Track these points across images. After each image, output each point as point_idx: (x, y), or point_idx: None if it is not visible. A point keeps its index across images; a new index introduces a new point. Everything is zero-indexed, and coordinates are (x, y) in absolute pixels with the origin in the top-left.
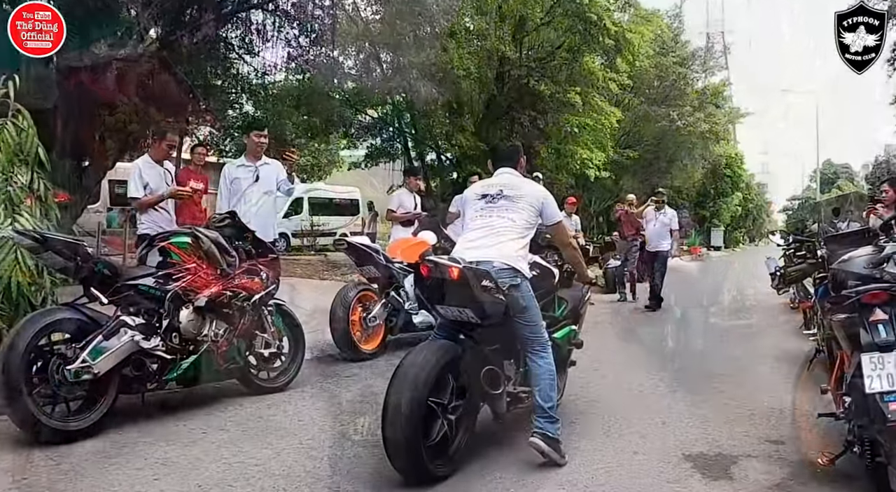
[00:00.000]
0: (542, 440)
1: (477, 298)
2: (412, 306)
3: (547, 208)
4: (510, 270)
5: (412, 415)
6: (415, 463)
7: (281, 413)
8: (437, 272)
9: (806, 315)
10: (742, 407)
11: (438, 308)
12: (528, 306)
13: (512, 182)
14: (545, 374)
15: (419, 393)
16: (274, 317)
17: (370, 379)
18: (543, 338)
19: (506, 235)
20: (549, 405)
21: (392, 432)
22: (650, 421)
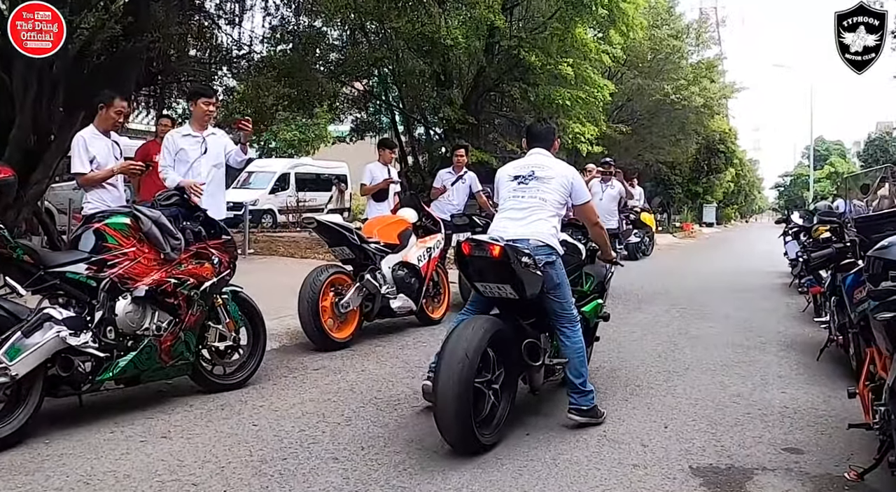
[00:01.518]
0: (577, 414)
1: (516, 274)
2: (389, 290)
3: (576, 189)
4: (545, 248)
5: (463, 389)
6: (465, 434)
7: (234, 416)
8: (479, 251)
9: (816, 301)
10: (751, 406)
11: (478, 285)
12: (561, 283)
13: (543, 163)
14: (575, 351)
15: (469, 368)
16: (229, 306)
17: (341, 372)
18: (573, 314)
19: (539, 215)
20: (580, 380)
21: (444, 406)
22: (651, 424)
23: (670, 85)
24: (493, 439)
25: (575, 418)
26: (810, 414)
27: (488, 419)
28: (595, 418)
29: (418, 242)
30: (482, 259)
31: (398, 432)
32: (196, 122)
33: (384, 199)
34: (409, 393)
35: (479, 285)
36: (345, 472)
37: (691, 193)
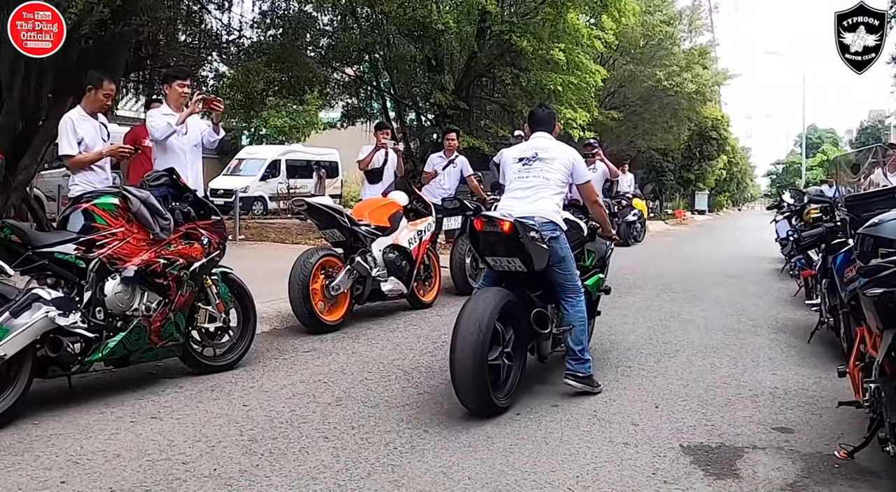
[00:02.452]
0: (574, 380)
1: (525, 248)
2: (380, 273)
3: (577, 169)
4: (550, 224)
5: (479, 356)
6: (482, 399)
7: (224, 397)
8: (490, 226)
9: (807, 284)
10: (742, 387)
11: (489, 259)
12: (566, 257)
13: (546, 145)
14: (577, 319)
15: (483, 335)
16: (219, 287)
17: (331, 354)
18: (577, 286)
19: (543, 193)
20: (580, 348)
21: (461, 372)
22: (641, 404)
23: (662, 71)
24: (507, 402)
25: (572, 384)
26: (801, 395)
27: (502, 384)
28: (591, 387)
29: (409, 225)
30: (493, 234)
31: (388, 412)
32: (173, 103)
33: (378, 180)
34: (400, 374)
35: (490, 259)
36: (335, 451)
37: (683, 180)
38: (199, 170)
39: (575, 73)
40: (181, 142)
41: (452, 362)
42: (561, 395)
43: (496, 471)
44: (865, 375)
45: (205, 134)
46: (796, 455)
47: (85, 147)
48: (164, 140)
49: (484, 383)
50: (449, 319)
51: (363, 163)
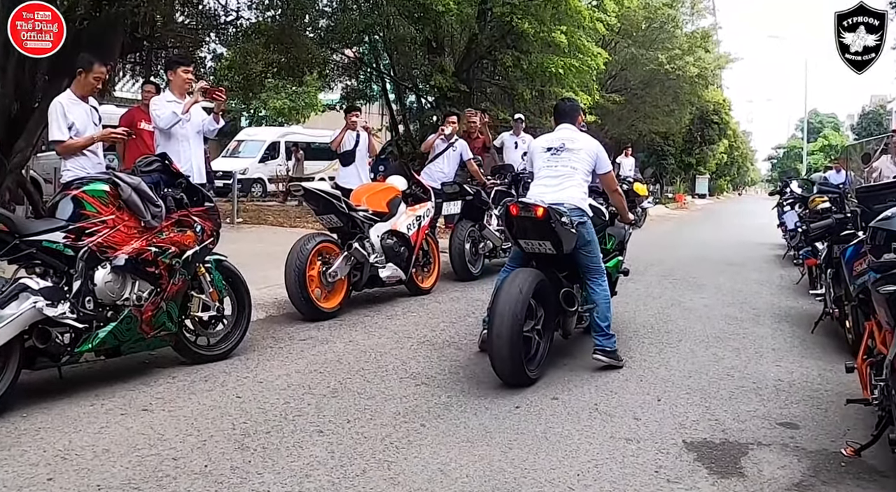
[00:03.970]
0: (602, 354)
1: (556, 232)
2: (378, 259)
3: (600, 160)
4: (578, 210)
5: (514, 331)
6: (516, 370)
7: (218, 388)
8: (525, 211)
9: (811, 273)
10: (745, 379)
11: (521, 242)
12: (592, 241)
13: (572, 136)
14: (602, 298)
15: (519, 312)
16: (213, 275)
17: (328, 342)
18: (601, 267)
19: (570, 182)
20: (606, 324)
21: (498, 346)
22: (644, 397)
23: (664, 54)
24: (537, 373)
25: (601, 358)
26: (805, 388)
27: (532, 357)
28: (617, 361)
29: (408, 211)
30: (527, 219)
31: (385, 404)
32: (176, 90)
33: (351, 162)
34: (398, 364)
35: (523, 242)
36: (330, 446)
37: (684, 164)
38: (202, 157)
39: (576, 56)
40: (185, 129)
41: (490, 338)
42: (562, 387)
43: (495, 468)
44: (875, 371)
45: (206, 122)
46: (802, 453)
47: (76, 132)
48: (169, 128)
49: (519, 357)
50: (448, 307)
51: (334, 143)
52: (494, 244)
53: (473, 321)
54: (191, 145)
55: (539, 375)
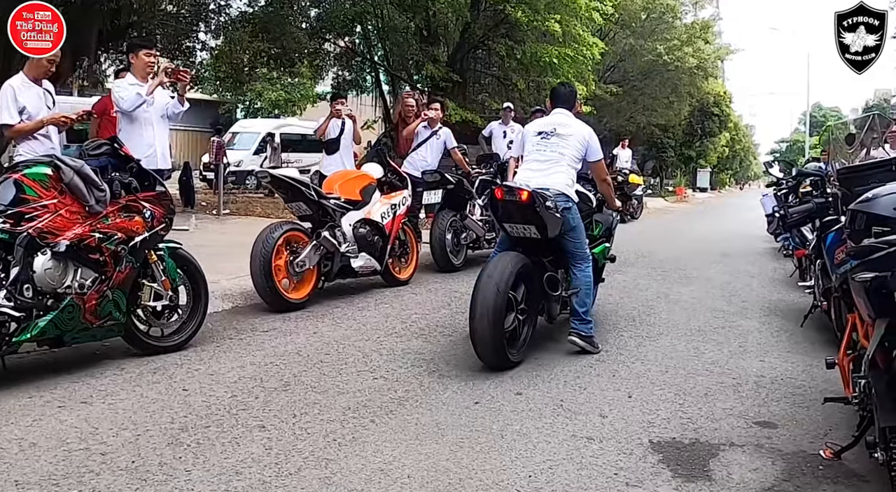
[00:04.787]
0: (578, 338)
1: (540, 217)
2: (350, 249)
3: (591, 147)
4: (563, 196)
5: (496, 315)
6: (497, 354)
7: (165, 381)
8: (510, 195)
9: (801, 264)
10: (725, 375)
11: (506, 226)
12: (577, 226)
13: (565, 121)
14: (584, 283)
15: (501, 297)
16: (166, 263)
17: (291, 333)
18: (586, 253)
19: (558, 167)
20: (584, 310)
21: (480, 329)
22: (614, 393)
23: (663, 45)
24: (520, 357)
25: (576, 341)
26: (788, 385)
27: (515, 340)
28: (593, 348)
29: (382, 199)
30: (512, 202)
31: (337, 398)
32: (138, 73)
33: (335, 150)
34: (359, 357)
35: (508, 226)
36: (268, 442)
37: (684, 157)
38: (167, 141)
39: (571, 46)
40: (148, 113)
41: (472, 320)
42: (528, 382)
43: (440, 468)
44: (856, 368)
45: (170, 106)
46: (777, 454)
47: (28, 116)
48: (132, 111)
49: (501, 340)
50: (423, 298)
51: (318, 131)
52: (477, 234)
53: (447, 313)
54: (154, 129)
55: (522, 358)
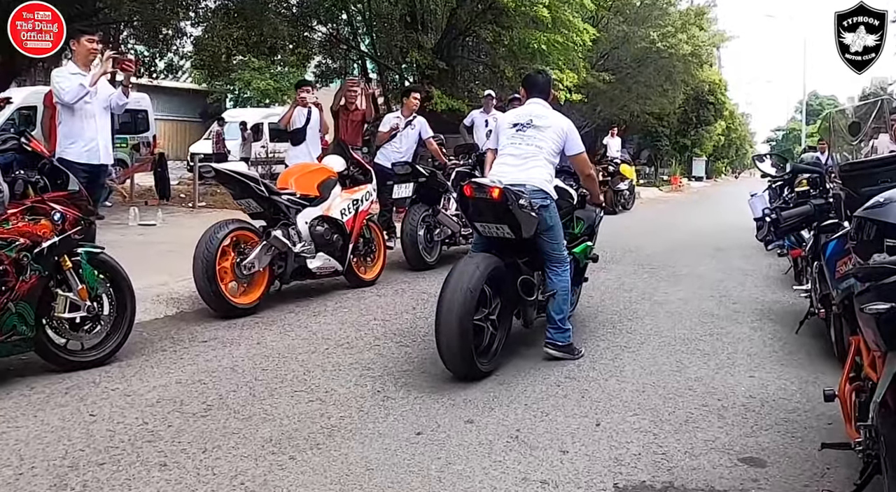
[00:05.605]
0: (554, 349)
1: (513, 215)
2: (305, 248)
3: (570, 139)
4: (540, 193)
5: (463, 321)
6: (465, 363)
7: (74, 403)
8: (480, 192)
9: (797, 266)
10: (709, 395)
11: (477, 225)
12: (554, 225)
13: (541, 112)
14: (561, 288)
15: (468, 301)
16: (83, 270)
17: (232, 344)
18: (563, 255)
19: (535, 161)
20: (560, 317)
21: (447, 336)
22: (580, 421)
23: (657, 32)
24: (490, 367)
25: (551, 352)
26: (781, 407)
27: (486, 349)
28: (571, 355)
29: (343, 194)
30: (482, 200)
31: (260, 427)
32: (80, 61)
33: (301, 141)
34: (299, 373)
35: (479, 225)
36: (165, 485)
37: (679, 146)
38: (109, 135)
39: (561, 32)
40: (91, 104)
41: (438, 327)
42: (482, 406)
43: None
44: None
45: (113, 97)
46: None
47: None
48: (74, 103)
49: (469, 348)
50: (388, 300)
51: (283, 121)
52: (452, 230)
53: (410, 319)
54: (97, 122)
55: (494, 368)
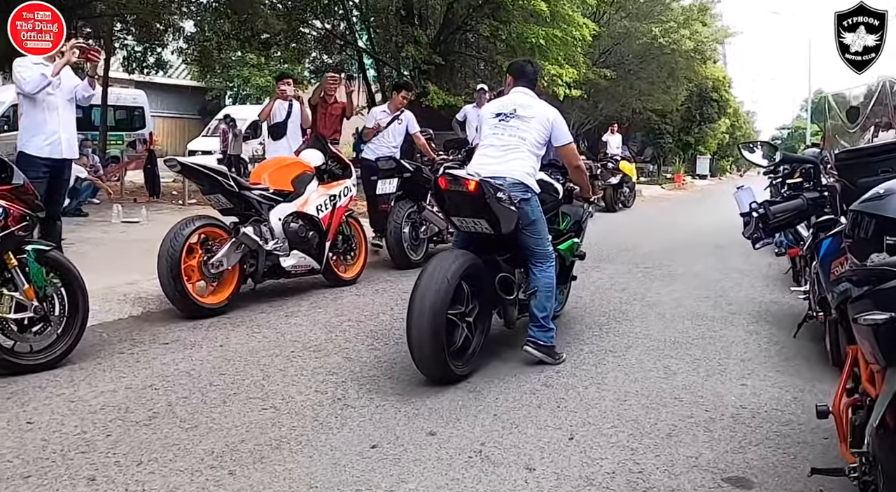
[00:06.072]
0: (535, 348)
1: (491, 210)
2: (278, 246)
3: (556, 130)
4: (521, 186)
5: (436, 322)
6: (437, 363)
7: (14, 409)
8: (455, 185)
9: (795, 265)
10: (696, 405)
11: (454, 220)
12: (537, 220)
13: (526, 102)
14: (544, 285)
15: (441, 301)
16: (30, 269)
17: (194, 347)
18: (547, 251)
19: (517, 153)
20: (543, 315)
21: (418, 337)
22: (552, 434)
23: (658, 27)
24: (467, 370)
25: (532, 352)
26: (773, 419)
27: (462, 351)
28: (552, 358)
29: (320, 189)
30: (458, 193)
31: (205, 437)
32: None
33: (282, 135)
34: (258, 378)
35: (456, 220)
36: None
37: (682, 144)
38: (73, 128)
39: (560, 27)
40: (54, 96)
41: (409, 326)
42: (448, 416)
43: None
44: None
45: (79, 88)
46: None
47: None
48: (35, 94)
49: (441, 349)
50: (366, 301)
51: (262, 115)
52: (439, 227)
53: (386, 320)
54: (59, 115)
55: (469, 371)
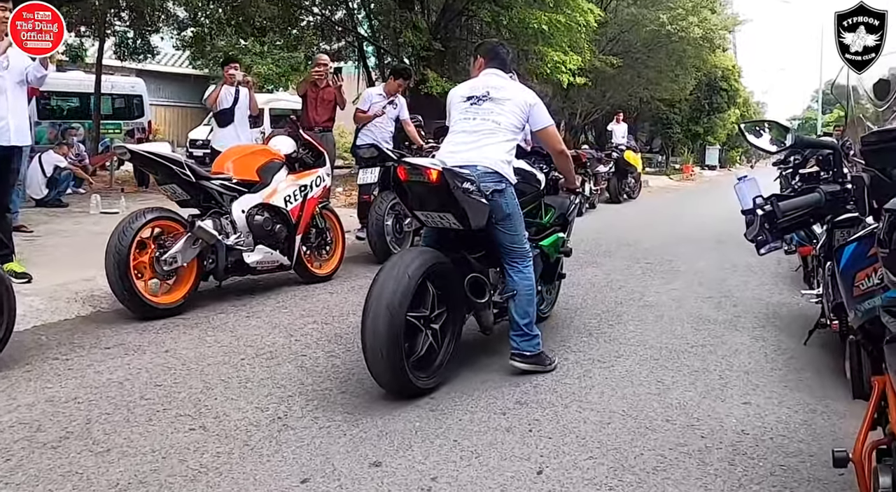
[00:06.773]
0: (521, 361)
1: (458, 202)
2: (241, 240)
3: (535, 112)
4: (494, 175)
5: (391, 329)
6: (396, 377)
7: None
8: (415, 175)
9: (806, 265)
10: (691, 430)
11: (419, 214)
12: (512, 214)
13: (499, 84)
14: (523, 288)
15: (396, 306)
16: None
17: (135, 352)
18: (524, 249)
19: (491, 139)
20: (525, 321)
21: (373, 345)
22: (519, 465)
23: (666, 14)
24: (432, 383)
25: (518, 366)
26: (777, 450)
27: (426, 361)
28: (541, 366)
29: (289, 178)
30: (420, 185)
31: (114, 464)
32: None
33: (229, 122)
34: (195, 391)
35: (421, 214)
36: None
37: (691, 134)
38: (24, 112)
39: (563, 12)
40: (2, 78)
41: (363, 333)
42: (399, 444)
43: None
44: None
45: (30, 70)
46: None
47: None
48: None
49: (399, 359)
50: (338, 300)
51: (209, 100)
52: None
53: (353, 322)
54: (7, 98)
55: (436, 383)
